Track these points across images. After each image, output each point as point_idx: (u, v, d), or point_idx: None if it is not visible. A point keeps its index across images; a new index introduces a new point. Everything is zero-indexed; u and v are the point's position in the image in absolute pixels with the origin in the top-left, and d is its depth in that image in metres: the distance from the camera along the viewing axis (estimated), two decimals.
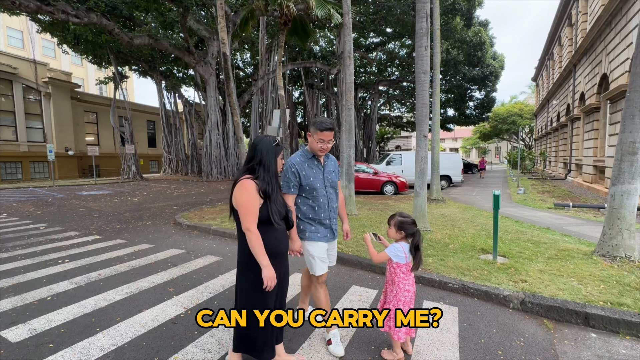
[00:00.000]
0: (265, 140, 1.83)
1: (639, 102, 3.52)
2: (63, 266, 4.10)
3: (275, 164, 1.83)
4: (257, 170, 1.78)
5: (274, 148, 1.83)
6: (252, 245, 1.68)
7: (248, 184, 1.71)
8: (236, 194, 1.73)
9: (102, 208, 9.21)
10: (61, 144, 21.95)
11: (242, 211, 1.69)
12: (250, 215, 1.68)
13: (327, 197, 2.26)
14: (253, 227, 1.68)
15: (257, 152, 1.80)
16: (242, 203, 1.70)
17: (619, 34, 10.08)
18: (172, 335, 2.45)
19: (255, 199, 1.70)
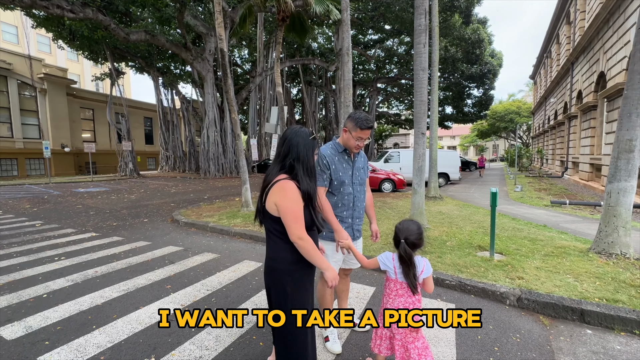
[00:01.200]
0: (302, 134, 1.57)
1: (636, 100, 3.53)
2: (59, 263, 4.08)
3: (312, 160, 1.58)
4: (296, 169, 1.52)
5: (311, 142, 1.58)
6: (309, 253, 1.46)
7: (291, 186, 1.46)
8: (278, 197, 1.46)
9: (99, 205, 9.16)
10: (57, 140, 21.79)
11: (289, 218, 1.43)
12: (299, 221, 1.45)
13: (353, 194, 2.15)
14: (304, 233, 1.45)
15: (293, 148, 1.54)
16: (288, 208, 1.44)
17: (616, 32, 10.09)
18: (169, 333, 2.44)
19: (300, 202, 1.47)
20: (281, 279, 1.52)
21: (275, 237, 1.53)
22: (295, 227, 1.44)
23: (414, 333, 1.69)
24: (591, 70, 12.88)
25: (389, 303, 1.74)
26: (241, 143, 7.71)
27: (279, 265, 1.53)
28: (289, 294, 1.52)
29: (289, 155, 1.54)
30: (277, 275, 1.54)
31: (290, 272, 1.52)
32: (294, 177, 1.51)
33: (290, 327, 1.55)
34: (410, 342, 1.68)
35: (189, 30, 19.41)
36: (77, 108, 24.05)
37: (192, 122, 24.78)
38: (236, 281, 3.48)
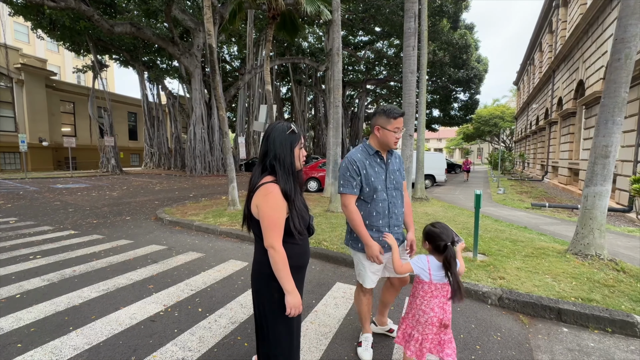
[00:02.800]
0: (278, 129, 1.47)
1: (612, 108, 3.68)
2: (34, 262, 3.91)
3: (291, 157, 1.46)
4: (276, 168, 1.43)
5: (288, 137, 1.46)
6: (277, 267, 1.38)
7: (274, 190, 1.38)
8: (260, 202, 1.39)
9: (79, 202, 8.84)
10: (34, 134, 20.89)
11: (266, 223, 1.37)
12: (276, 229, 1.37)
13: (388, 200, 1.96)
14: (278, 243, 1.37)
15: (270, 145, 1.45)
16: (266, 214, 1.37)
17: (595, 42, 10.52)
18: (151, 334, 2.38)
19: (282, 208, 1.39)
20: (268, 284, 1.47)
21: (259, 240, 1.48)
22: (270, 235, 1.37)
23: (448, 330, 1.76)
24: (571, 78, 13.39)
25: (424, 305, 1.73)
26: (229, 141, 7.60)
27: (266, 270, 1.45)
28: (276, 299, 1.46)
29: (268, 154, 1.46)
30: (263, 280, 1.48)
31: (272, 275, 1.46)
32: (275, 177, 1.44)
33: (277, 330, 1.51)
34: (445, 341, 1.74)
35: (177, 25, 18.98)
36: (56, 101, 23.12)
37: (178, 118, 24.25)
38: (221, 281, 3.43)
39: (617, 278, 3.27)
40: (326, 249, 4.36)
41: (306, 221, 1.52)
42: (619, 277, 3.31)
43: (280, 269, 1.38)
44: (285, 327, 1.51)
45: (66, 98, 23.93)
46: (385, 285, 2.27)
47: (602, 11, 10.00)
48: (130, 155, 29.02)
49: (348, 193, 1.91)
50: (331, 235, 5.05)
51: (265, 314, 1.51)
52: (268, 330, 1.51)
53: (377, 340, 2.33)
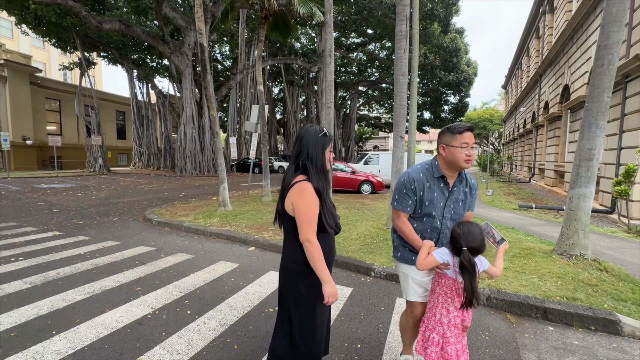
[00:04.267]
0: (311, 131, 1.56)
1: (596, 112, 3.79)
2: (16, 264, 3.79)
3: (323, 158, 1.55)
4: (308, 168, 1.52)
5: (321, 139, 1.55)
6: (313, 259, 1.45)
7: (308, 187, 1.47)
8: (295, 199, 1.47)
9: (64, 202, 8.61)
10: (18, 132, 20.27)
11: (302, 219, 1.45)
12: (311, 224, 1.46)
13: (440, 230, 1.74)
14: (314, 237, 1.46)
15: (304, 147, 1.53)
16: (302, 210, 1.45)
17: (579, 48, 10.84)
18: (138, 337, 2.33)
19: (316, 204, 1.48)
20: (295, 280, 1.55)
21: (291, 237, 1.55)
22: (306, 229, 1.45)
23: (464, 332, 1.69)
24: (557, 82, 13.74)
25: (448, 303, 1.62)
26: (220, 141, 7.52)
27: (293, 266, 1.54)
28: (303, 294, 1.54)
29: (301, 154, 1.54)
30: (290, 276, 1.56)
31: (303, 273, 1.52)
32: (308, 176, 1.52)
33: (303, 325, 1.57)
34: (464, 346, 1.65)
35: (167, 23, 18.71)
36: (41, 98, 22.47)
37: (168, 117, 23.88)
38: (211, 282, 3.39)
39: (600, 277, 3.36)
40: None
41: (335, 218, 1.61)
42: (602, 276, 3.40)
43: (317, 260, 1.45)
44: (311, 321, 1.57)
45: (52, 96, 23.30)
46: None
47: (587, 18, 10.31)
48: (118, 155, 28.43)
49: (400, 210, 1.77)
50: None
51: (292, 308, 1.57)
52: (293, 324, 1.58)
53: None
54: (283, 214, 1.56)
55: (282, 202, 1.55)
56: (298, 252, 1.52)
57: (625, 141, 7.41)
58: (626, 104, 7.49)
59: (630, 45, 7.49)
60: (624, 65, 7.16)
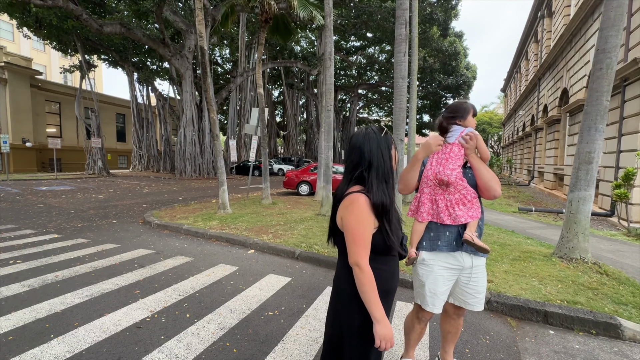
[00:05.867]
0: (372, 135, 1.29)
1: (595, 116, 3.81)
2: (14, 267, 3.77)
3: (390, 162, 1.30)
4: (368, 177, 1.26)
5: (384, 140, 1.29)
6: (363, 289, 1.19)
7: (358, 200, 1.22)
8: (344, 213, 1.24)
9: (63, 205, 8.59)
10: (18, 134, 20.26)
11: (349, 237, 1.21)
12: (362, 245, 1.20)
13: None
14: (364, 261, 1.19)
15: (365, 155, 1.27)
16: (350, 227, 1.21)
17: (578, 52, 10.90)
18: (136, 341, 2.31)
19: (369, 222, 1.22)
20: (347, 304, 1.29)
21: (343, 255, 1.31)
22: (355, 251, 1.20)
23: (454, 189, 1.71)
24: (556, 86, 13.80)
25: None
26: (220, 143, 7.53)
27: (346, 287, 1.29)
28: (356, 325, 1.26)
29: (360, 164, 1.28)
30: (343, 298, 1.31)
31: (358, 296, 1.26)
32: (366, 188, 1.26)
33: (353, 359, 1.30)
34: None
35: (168, 26, 18.80)
36: (41, 101, 22.50)
37: (168, 120, 23.91)
38: (210, 285, 3.37)
39: (600, 281, 3.36)
40: (317, 252, 4.35)
41: (399, 238, 1.32)
42: (603, 279, 3.39)
43: (367, 292, 1.18)
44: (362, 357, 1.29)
45: (52, 98, 23.33)
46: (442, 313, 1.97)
47: (585, 22, 10.37)
48: (117, 157, 28.42)
49: None
50: (322, 239, 5.03)
51: (342, 337, 1.30)
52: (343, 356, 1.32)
53: None
54: (335, 230, 1.34)
55: (333, 216, 1.33)
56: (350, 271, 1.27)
57: (625, 144, 7.43)
58: (625, 107, 7.52)
59: (629, 49, 7.53)
60: (622, 69, 7.20)
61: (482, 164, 1.69)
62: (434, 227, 1.74)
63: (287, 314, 2.77)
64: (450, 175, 1.65)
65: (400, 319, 2.72)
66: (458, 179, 1.65)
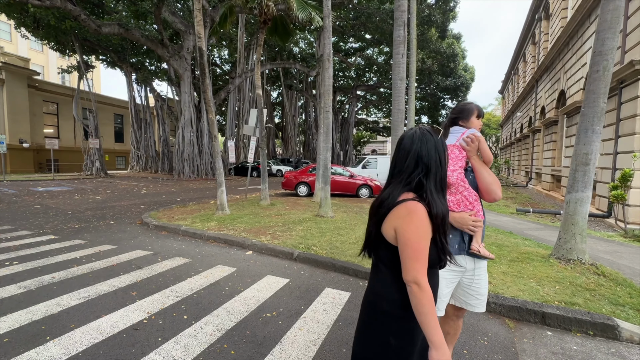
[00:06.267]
0: (428, 137, 1.17)
1: (592, 117, 3.83)
2: (11, 268, 3.74)
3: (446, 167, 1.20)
4: (425, 185, 1.14)
5: (440, 142, 1.18)
6: (421, 310, 1.05)
7: (419, 210, 1.09)
8: (401, 224, 1.10)
9: (60, 206, 8.54)
10: (15, 135, 20.18)
11: (408, 252, 1.08)
12: (422, 260, 1.08)
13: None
14: (424, 278, 1.07)
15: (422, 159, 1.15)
16: (411, 240, 1.07)
17: (575, 54, 10.96)
18: (133, 343, 2.30)
19: (428, 233, 1.10)
20: (384, 324, 1.15)
21: (385, 269, 1.18)
22: (414, 267, 1.07)
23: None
24: (553, 88, 13.88)
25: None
26: (218, 144, 7.52)
27: (385, 306, 1.15)
28: (393, 347, 1.13)
29: (417, 170, 1.15)
30: (377, 316, 1.17)
31: (398, 317, 1.13)
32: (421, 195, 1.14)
33: None
34: None
35: (167, 27, 18.79)
36: (39, 101, 22.42)
37: (166, 121, 23.87)
38: (208, 287, 3.36)
39: (597, 282, 3.37)
40: (315, 254, 4.35)
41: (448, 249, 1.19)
42: (600, 281, 3.40)
43: (427, 313, 1.05)
44: None
45: (49, 98, 23.26)
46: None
47: (582, 25, 10.45)
48: (115, 158, 28.33)
49: None
50: (320, 240, 5.03)
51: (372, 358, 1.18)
52: None
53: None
54: (377, 240, 1.20)
55: (376, 224, 1.18)
56: (394, 290, 1.14)
57: (621, 146, 7.47)
58: (621, 109, 7.57)
59: (625, 51, 7.58)
60: (619, 71, 7.25)
61: (484, 167, 1.68)
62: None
63: (285, 316, 2.77)
64: (451, 177, 1.63)
65: None
66: (459, 180, 1.63)
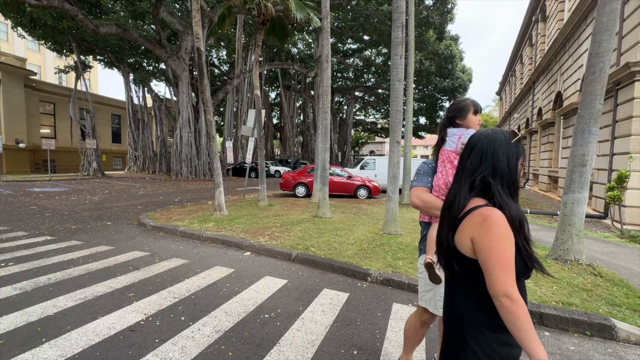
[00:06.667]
0: (499, 138, 1.08)
1: (588, 119, 3.85)
2: (6, 270, 3.71)
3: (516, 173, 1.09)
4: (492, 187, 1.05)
5: (514, 147, 1.08)
6: (518, 324, 0.93)
7: (497, 216, 0.99)
8: (480, 233, 0.99)
9: (57, 206, 8.49)
10: (11, 135, 20.04)
11: (493, 263, 0.97)
12: (510, 271, 0.97)
13: None
14: (515, 290, 0.95)
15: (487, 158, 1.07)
16: (494, 250, 0.97)
17: (571, 56, 11.04)
18: (130, 344, 2.28)
19: (511, 240, 0.99)
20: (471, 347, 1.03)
21: (462, 287, 1.07)
22: (501, 278, 0.95)
23: None
24: (550, 89, 13.96)
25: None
26: (216, 145, 7.51)
27: (473, 332, 1.03)
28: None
29: (480, 168, 1.08)
30: (470, 346, 1.03)
31: (487, 340, 1.01)
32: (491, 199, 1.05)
33: None
34: None
35: (165, 27, 18.75)
36: (35, 101, 22.29)
37: (164, 121, 23.78)
38: (206, 288, 3.35)
39: (594, 282, 3.38)
40: (314, 254, 4.34)
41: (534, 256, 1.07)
42: (597, 281, 3.42)
43: (524, 327, 0.93)
44: None
45: (46, 99, 23.12)
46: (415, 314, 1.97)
47: (578, 27, 10.52)
48: (113, 159, 28.19)
49: (421, 186, 1.70)
50: (319, 241, 5.02)
51: None
52: None
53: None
54: (449, 252, 1.09)
55: (448, 234, 1.09)
56: (479, 310, 1.04)
57: (617, 147, 7.52)
58: (617, 110, 7.62)
59: (621, 53, 7.64)
60: (615, 73, 7.30)
61: None
62: None
63: (284, 317, 2.76)
64: None
65: (397, 321, 2.72)
66: None
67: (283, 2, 8.36)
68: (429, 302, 1.77)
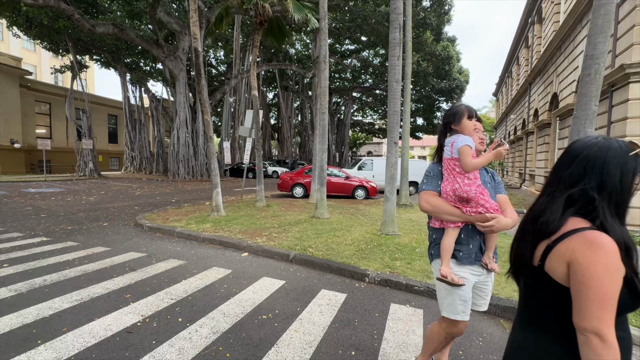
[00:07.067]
0: (612, 148, 0.90)
1: (584, 120, 3.89)
2: (1, 271, 3.68)
3: (630, 193, 0.90)
4: (597, 204, 0.88)
5: (632, 161, 0.89)
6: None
7: (607, 243, 0.82)
8: (583, 259, 0.83)
9: (52, 207, 8.42)
10: (6, 135, 19.87)
11: (591, 295, 0.80)
12: (610, 308, 0.80)
13: None
14: (610, 330, 0.79)
15: (595, 169, 0.90)
16: (596, 281, 0.81)
17: (567, 57, 11.13)
18: (127, 346, 2.27)
19: (620, 274, 0.82)
20: None
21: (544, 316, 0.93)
22: (597, 315, 0.80)
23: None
24: (546, 91, 14.07)
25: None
26: (213, 145, 7.48)
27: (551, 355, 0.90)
28: None
29: (583, 181, 0.90)
30: None
31: None
32: (595, 220, 0.88)
33: None
34: None
35: (162, 27, 18.68)
36: (31, 101, 22.12)
37: (161, 121, 23.69)
38: (203, 289, 3.33)
39: None
40: (311, 255, 4.34)
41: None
42: None
43: None
44: None
45: (42, 98, 22.95)
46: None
47: (574, 29, 10.61)
48: (109, 159, 28.03)
49: (430, 189, 1.70)
50: (317, 241, 5.02)
51: None
52: None
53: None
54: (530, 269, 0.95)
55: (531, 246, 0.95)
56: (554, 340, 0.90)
57: None
58: (612, 112, 7.70)
59: (616, 55, 7.72)
60: (610, 75, 7.37)
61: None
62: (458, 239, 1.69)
63: (281, 318, 2.75)
64: (470, 192, 1.61)
65: (394, 321, 2.72)
66: (478, 193, 1.62)
67: (281, 2, 8.37)
68: (449, 308, 1.69)
